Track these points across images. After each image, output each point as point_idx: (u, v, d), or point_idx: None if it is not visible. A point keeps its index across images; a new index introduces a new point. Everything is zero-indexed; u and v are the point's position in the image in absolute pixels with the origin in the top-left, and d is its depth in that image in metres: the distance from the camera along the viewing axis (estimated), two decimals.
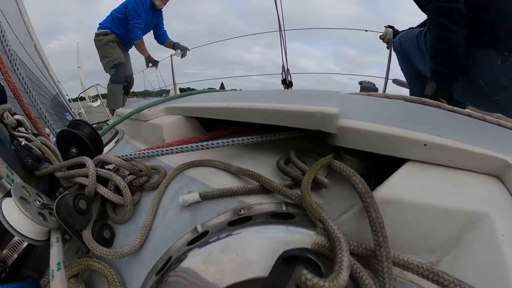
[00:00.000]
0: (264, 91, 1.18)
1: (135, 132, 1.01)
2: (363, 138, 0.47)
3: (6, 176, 0.52)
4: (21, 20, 3.29)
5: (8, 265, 0.50)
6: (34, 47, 3.34)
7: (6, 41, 0.71)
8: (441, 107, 0.83)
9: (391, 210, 0.37)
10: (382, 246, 0.33)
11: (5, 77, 0.69)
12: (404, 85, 2.62)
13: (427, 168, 0.43)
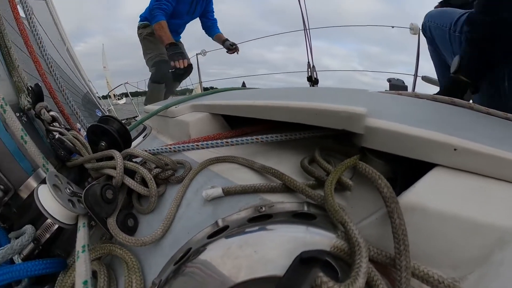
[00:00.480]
0: (290, 88, 1.17)
1: (163, 128, 1.04)
2: (390, 140, 0.44)
3: (42, 165, 0.56)
4: (55, 28, 3.60)
5: (41, 243, 0.54)
6: (67, 50, 3.63)
7: (43, 47, 0.76)
8: (474, 108, 0.77)
9: (416, 218, 0.35)
10: (403, 255, 0.31)
11: (43, 79, 0.75)
12: (435, 82, 2.44)
13: (457, 175, 0.39)
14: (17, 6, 0.73)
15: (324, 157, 0.52)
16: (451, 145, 0.39)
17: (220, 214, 0.48)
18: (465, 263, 0.34)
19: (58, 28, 3.63)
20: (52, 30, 3.46)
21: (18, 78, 0.65)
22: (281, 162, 0.58)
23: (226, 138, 0.67)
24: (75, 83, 3.43)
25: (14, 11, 0.72)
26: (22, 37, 0.72)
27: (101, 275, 0.47)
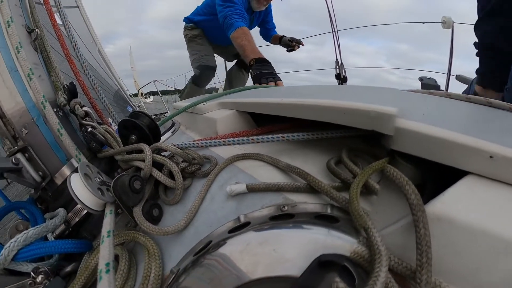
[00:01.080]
0: (317, 86, 1.14)
1: (191, 124, 1.06)
2: (420, 143, 0.41)
3: (75, 156, 0.61)
4: (87, 31, 3.93)
5: (71, 226, 0.59)
6: (98, 51, 3.96)
7: (77, 49, 0.82)
8: None
9: (442, 230, 0.32)
10: (424, 268, 0.29)
11: (77, 77, 0.80)
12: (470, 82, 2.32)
13: (491, 186, 0.35)
14: (54, 14, 0.80)
15: (351, 159, 0.50)
16: (487, 151, 0.35)
17: (242, 210, 0.49)
18: (493, 286, 0.31)
19: (90, 32, 4.03)
20: (85, 33, 3.87)
21: (56, 78, 0.71)
22: (306, 162, 0.57)
23: (252, 135, 0.67)
24: (106, 81, 3.67)
25: (52, 19, 0.78)
26: (59, 42, 0.78)
27: (123, 259, 0.50)
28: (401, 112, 0.45)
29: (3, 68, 0.58)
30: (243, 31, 2.21)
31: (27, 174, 0.60)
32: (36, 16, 0.72)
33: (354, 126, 0.49)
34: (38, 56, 0.69)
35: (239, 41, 2.18)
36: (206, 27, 2.97)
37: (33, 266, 0.49)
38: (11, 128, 0.60)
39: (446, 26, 3.02)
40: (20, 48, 0.57)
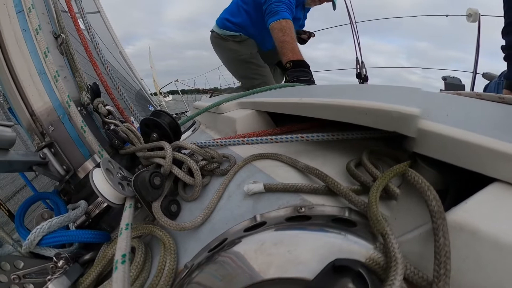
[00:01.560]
0: (338, 86, 1.12)
1: (211, 123, 1.08)
2: (444, 146, 0.38)
3: (98, 151, 0.63)
4: (109, 34, 4.14)
5: (91, 217, 0.62)
6: (120, 53, 4.16)
7: (100, 52, 0.87)
8: None
9: (464, 240, 0.29)
10: (442, 281, 0.27)
11: (100, 78, 0.85)
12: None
13: None
14: (78, 20, 0.85)
15: (372, 161, 0.49)
16: None
17: (259, 210, 0.49)
18: None
19: (111, 35, 4.26)
20: (106, 36, 4.14)
21: (80, 79, 0.74)
22: (325, 163, 0.56)
23: (271, 135, 0.67)
24: (128, 81, 3.82)
25: (75, 25, 0.83)
26: (82, 45, 0.84)
27: (139, 251, 0.52)
28: (425, 113, 0.43)
29: (33, 72, 0.62)
30: (288, 25, 1.90)
31: (53, 168, 0.64)
32: (61, 22, 0.76)
33: (376, 127, 0.48)
34: (63, 59, 0.73)
35: (281, 35, 1.88)
36: (256, 32, 2.36)
37: (55, 251, 0.52)
38: (40, 125, 0.64)
39: (472, 19, 2.83)
40: (48, 53, 0.61)
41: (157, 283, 0.46)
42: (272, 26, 1.92)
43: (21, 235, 0.54)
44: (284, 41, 1.87)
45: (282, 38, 1.87)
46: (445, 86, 2.75)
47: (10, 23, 0.62)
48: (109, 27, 4.30)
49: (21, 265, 0.50)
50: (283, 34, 1.87)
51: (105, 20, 4.22)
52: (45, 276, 0.49)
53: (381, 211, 0.36)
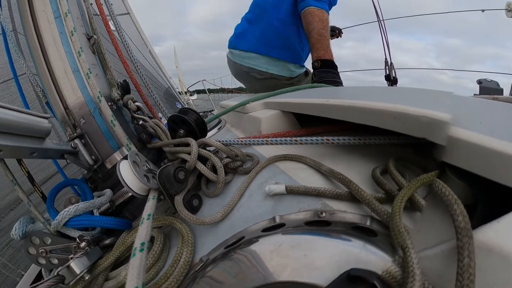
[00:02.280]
0: (366, 88, 1.09)
1: (236, 122, 1.10)
2: (477, 156, 0.36)
3: (126, 145, 0.66)
4: (138, 35, 4.33)
5: (115, 205, 0.65)
6: (149, 52, 4.34)
7: (130, 51, 0.92)
8: None
9: (491, 263, 0.27)
10: None
11: (130, 76, 0.90)
12: None
13: None
14: (109, 22, 0.93)
15: (398, 169, 0.47)
16: None
17: (279, 211, 0.49)
18: None
19: (140, 35, 4.45)
20: (136, 36, 4.32)
21: (111, 76, 0.79)
22: (350, 168, 0.55)
23: (296, 136, 0.67)
24: (157, 79, 4.00)
25: (106, 26, 0.91)
26: (113, 45, 0.91)
27: (158, 241, 0.54)
28: (456, 120, 0.41)
29: (68, 69, 0.68)
30: (326, 17, 1.67)
31: (82, 157, 0.68)
32: (94, 25, 0.82)
33: (404, 132, 0.46)
34: (95, 58, 0.79)
35: (320, 26, 1.63)
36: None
37: (79, 233, 0.56)
38: (72, 118, 0.69)
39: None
40: (81, 52, 0.65)
41: (171, 273, 0.48)
42: (312, 11, 1.65)
43: (51, 215, 0.59)
44: (322, 35, 1.65)
45: (322, 30, 1.64)
46: (480, 90, 2.52)
47: (49, 28, 0.68)
48: (138, 27, 4.55)
49: (48, 241, 0.54)
50: (323, 27, 1.64)
51: (134, 21, 4.47)
52: (68, 254, 0.52)
53: (404, 222, 0.34)
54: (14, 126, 0.49)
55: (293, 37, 1.89)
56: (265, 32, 1.91)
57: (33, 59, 0.71)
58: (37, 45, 0.69)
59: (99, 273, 0.54)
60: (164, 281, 0.47)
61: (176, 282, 0.46)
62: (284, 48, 1.91)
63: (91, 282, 0.54)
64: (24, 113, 0.52)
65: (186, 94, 10.53)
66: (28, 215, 0.59)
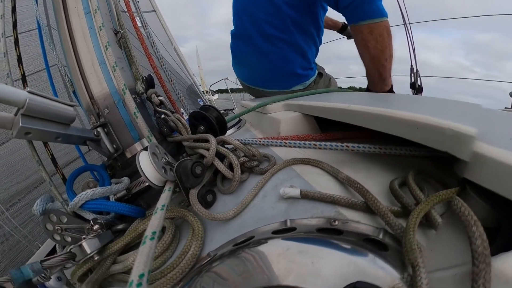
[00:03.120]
0: (390, 95, 1.06)
1: (255, 122, 1.11)
2: (503, 176, 0.33)
3: (147, 136, 0.69)
4: (164, 32, 4.47)
5: (131, 193, 0.68)
6: (174, 49, 4.48)
7: (155, 47, 0.95)
8: None
9: None
10: None
11: (154, 71, 0.94)
12: None
13: None
14: (135, 18, 0.97)
15: (417, 182, 0.46)
16: None
17: (291, 214, 0.49)
18: None
19: (166, 32, 4.60)
20: (161, 34, 4.49)
21: (136, 70, 0.82)
22: (368, 177, 0.54)
23: (315, 140, 0.66)
24: (181, 76, 4.11)
25: (133, 22, 0.95)
26: (139, 41, 0.95)
27: (168, 231, 0.56)
28: (483, 135, 0.38)
29: (95, 62, 0.72)
30: (387, 36, 1.22)
31: (104, 145, 0.71)
32: (121, 21, 0.87)
33: (426, 144, 0.44)
34: (122, 52, 0.82)
35: (382, 50, 1.23)
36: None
37: (93, 216, 0.59)
38: (97, 107, 0.72)
39: None
40: (108, 46, 0.69)
41: (177, 263, 0.49)
42: (374, 26, 1.20)
43: (69, 197, 0.62)
44: (385, 66, 1.29)
45: (385, 55, 1.26)
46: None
47: (79, 22, 0.73)
48: (164, 25, 4.71)
49: (64, 220, 0.57)
50: (385, 47, 1.23)
51: (160, 18, 4.63)
52: (81, 235, 0.56)
53: (417, 239, 0.33)
54: (43, 112, 0.53)
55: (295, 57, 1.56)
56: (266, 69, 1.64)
57: (64, 51, 0.75)
58: (67, 39, 0.73)
59: (108, 255, 0.57)
60: (169, 271, 0.49)
61: (182, 273, 0.47)
62: (291, 75, 1.63)
63: (99, 263, 0.57)
64: (53, 100, 0.56)
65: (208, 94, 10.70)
66: (49, 194, 0.63)
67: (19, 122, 0.49)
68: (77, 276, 0.57)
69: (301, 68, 1.60)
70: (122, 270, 0.56)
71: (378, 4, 1.18)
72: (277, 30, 1.48)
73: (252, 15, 1.54)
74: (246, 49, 1.68)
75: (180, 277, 0.47)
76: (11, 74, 0.82)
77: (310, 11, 1.45)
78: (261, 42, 1.55)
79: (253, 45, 1.60)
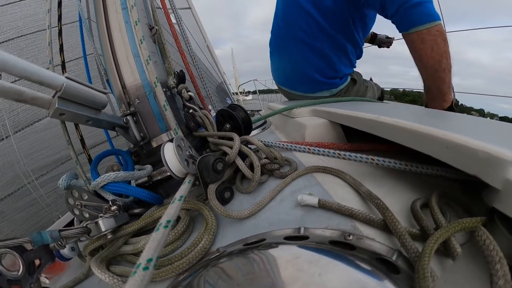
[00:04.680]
0: (424, 109, 1.00)
1: (281, 125, 1.11)
2: None
3: (173, 129, 0.72)
4: (198, 29, 4.61)
5: (152, 181, 0.71)
6: (207, 47, 4.58)
7: (188, 44, 1.01)
8: None
9: None
10: None
11: (186, 67, 0.98)
12: None
13: None
14: (170, 15, 1.02)
15: (440, 206, 0.44)
16: None
17: (306, 222, 0.49)
18: None
19: (200, 29, 4.73)
20: (195, 31, 4.60)
21: (169, 65, 0.87)
22: (390, 194, 0.52)
23: (340, 149, 0.66)
24: (212, 74, 4.23)
25: (168, 19, 1.01)
26: (173, 37, 1.00)
27: (183, 222, 0.58)
28: None
29: (130, 54, 0.76)
30: (444, 37, 1.10)
31: (131, 132, 0.75)
32: (156, 17, 0.92)
33: (455, 166, 0.41)
34: (156, 47, 0.87)
35: (438, 61, 1.12)
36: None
37: (113, 197, 0.63)
38: (128, 96, 0.77)
39: None
40: (143, 40, 0.72)
41: (186, 254, 0.51)
42: (426, 33, 1.09)
43: (93, 176, 0.67)
44: (443, 80, 1.17)
45: (443, 66, 1.13)
46: None
47: (116, 17, 0.78)
48: (199, 22, 4.83)
49: (85, 197, 0.62)
50: (443, 58, 1.11)
51: (195, 15, 4.78)
52: (99, 213, 0.60)
53: (432, 267, 0.32)
54: (77, 96, 0.57)
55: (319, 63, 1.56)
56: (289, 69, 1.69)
57: (100, 42, 0.81)
58: (105, 31, 0.79)
59: (121, 236, 0.60)
60: (177, 260, 0.51)
61: (188, 263, 0.49)
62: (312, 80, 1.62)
63: (111, 241, 0.60)
64: (88, 86, 0.60)
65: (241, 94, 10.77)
66: (74, 171, 0.68)
67: (55, 103, 0.53)
68: (89, 250, 0.60)
69: (323, 75, 1.60)
70: (132, 251, 0.59)
71: (429, 6, 1.07)
72: (305, 34, 1.50)
73: (286, 16, 1.59)
74: (277, 49, 1.76)
75: (186, 267, 0.49)
76: (53, 61, 0.88)
77: (343, 25, 1.43)
78: (288, 42, 1.60)
79: (282, 45, 1.67)
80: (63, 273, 0.71)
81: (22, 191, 2.92)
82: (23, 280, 0.46)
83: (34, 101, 0.51)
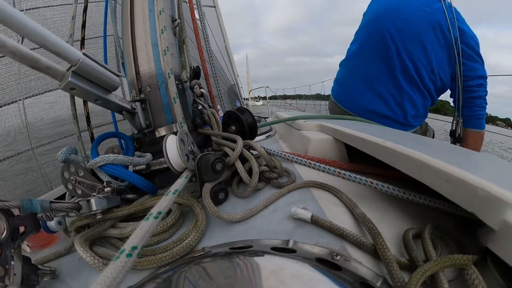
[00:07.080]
0: (431, 140, 1.01)
1: (285, 135, 1.11)
2: None
3: (179, 122, 0.72)
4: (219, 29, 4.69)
5: (149, 169, 0.72)
6: (225, 47, 4.63)
7: (207, 41, 1.04)
8: None
9: None
10: None
11: (202, 64, 0.99)
12: None
13: None
14: (194, 11, 1.04)
15: (433, 238, 0.44)
16: None
17: (296, 236, 0.48)
18: None
19: (221, 29, 4.78)
20: (216, 30, 4.67)
21: (185, 59, 0.87)
22: (384, 219, 0.52)
23: (341, 168, 0.66)
24: (225, 74, 4.28)
25: (192, 14, 1.02)
26: (194, 32, 1.02)
27: (173, 215, 0.58)
28: None
29: (148, 42, 0.78)
30: (483, 138, 1.62)
31: (137, 119, 0.75)
32: (181, 10, 0.93)
33: (453, 200, 0.41)
34: (175, 39, 0.88)
35: (476, 148, 1.59)
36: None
37: (108, 179, 0.63)
38: (140, 83, 0.78)
39: None
40: (164, 30, 0.73)
41: (171, 247, 0.51)
42: (477, 134, 1.57)
43: (92, 155, 0.67)
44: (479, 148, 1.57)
45: (477, 150, 1.57)
46: None
47: (142, 4, 0.80)
48: (221, 22, 4.90)
49: (81, 174, 0.62)
50: (480, 146, 1.61)
51: (218, 15, 4.86)
52: (92, 192, 0.60)
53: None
54: (91, 74, 0.58)
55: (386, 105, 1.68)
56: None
57: (122, 25, 0.82)
58: (128, 15, 0.80)
59: (109, 218, 0.60)
60: (161, 252, 0.51)
61: (172, 257, 0.48)
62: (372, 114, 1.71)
63: (99, 222, 0.60)
64: (102, 66, 0.60)
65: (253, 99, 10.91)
66: (75, 146, 0.68)
67: (68, 77, 0.53)
68: (75, 226, 0.61)
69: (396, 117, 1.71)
70: (117, 235, 0.58)
71: (484, 121, 1.54)
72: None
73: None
74: (362, 80, 1.76)
75: (168, 261, 0.48)
76: (73, 35, 0.90)
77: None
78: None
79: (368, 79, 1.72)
80: (46, 246, 0.70)
81: (20, 156, 2.97)
82: (5, 244, 0.45)
83: (48, 70, 0.51)
